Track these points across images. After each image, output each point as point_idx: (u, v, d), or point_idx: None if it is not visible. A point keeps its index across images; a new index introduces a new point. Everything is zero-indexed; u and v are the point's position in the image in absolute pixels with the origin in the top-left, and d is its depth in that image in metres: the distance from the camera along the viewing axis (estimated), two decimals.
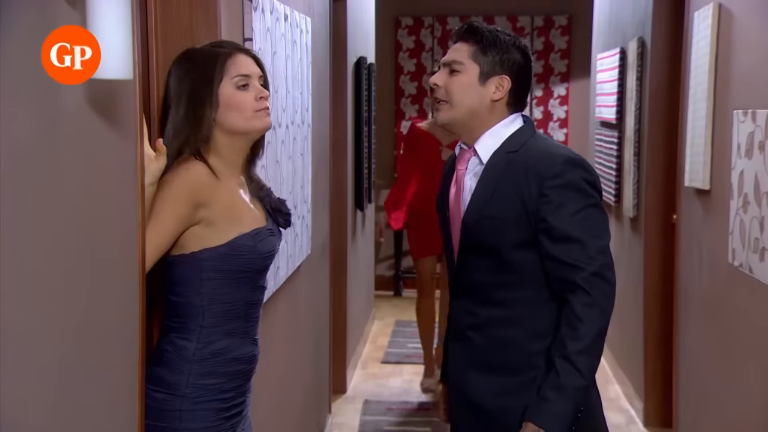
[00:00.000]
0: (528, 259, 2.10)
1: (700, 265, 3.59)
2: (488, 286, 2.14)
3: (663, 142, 4.50)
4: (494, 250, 2.12)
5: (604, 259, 2.07)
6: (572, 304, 2.04)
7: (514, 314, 2.12)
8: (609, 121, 5.46)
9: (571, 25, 7.73)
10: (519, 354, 2.12)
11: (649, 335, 4.57)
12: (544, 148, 2.13)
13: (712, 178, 3.43)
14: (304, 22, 3.49)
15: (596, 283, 2.04)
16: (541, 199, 2.06)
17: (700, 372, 3.64)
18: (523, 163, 2.11)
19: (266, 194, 2.12)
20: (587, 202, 2.08)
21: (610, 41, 5.72)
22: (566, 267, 2.06)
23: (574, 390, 2.02)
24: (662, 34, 4.47)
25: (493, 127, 2.16)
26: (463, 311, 2.19)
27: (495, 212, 2.11)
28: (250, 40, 2.67)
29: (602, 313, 2.05)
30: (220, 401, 1.98)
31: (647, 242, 4.59)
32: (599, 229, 2.09)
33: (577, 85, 7.70)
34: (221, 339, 1.97)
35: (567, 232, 2.05)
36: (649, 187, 4.59)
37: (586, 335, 2.03)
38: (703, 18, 3.52)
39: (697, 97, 3.60)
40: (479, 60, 2.15)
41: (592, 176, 2.12)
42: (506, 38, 2.17)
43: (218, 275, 1.96)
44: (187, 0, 2.33)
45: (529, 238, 2.09)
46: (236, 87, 1.98)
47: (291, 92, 3.23)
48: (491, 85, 2.15)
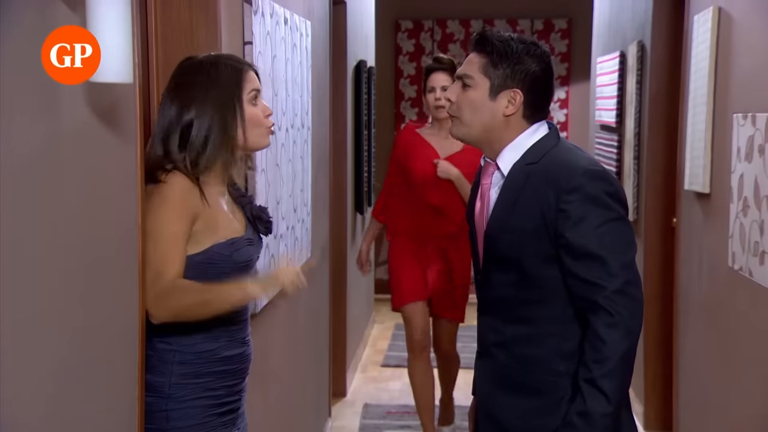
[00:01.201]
0: (551, 275, 2.00)
1: (700, 268, 3.59)
2: (512, 301, 2.06)
3: (663, 146, 4.50)
4: (517, 265, 2.03)
5: (627, 275, 1.96)
6: (594, 324, 1.95)
7: (538, 332, 2.03)
8: (609, 125, 5.46)
9: (570, 29, 7.73)
10: (543, 374, 2.02)
11: (649, 338, 4.57)
12: (564, 160, 2.03)
13: (712, 182, 3.43)
14: (304, 25, 3.49)
15: (619, 302, 1.93)
16: (560, 213, 1.97)
17: (700, 375, 3.64)
18: (543, 174, 2.01)
19: (247, 202, 2.14)
20: (608, 216, 1.97)
21: (610, 45, 5.73)
22: (587, 285, 1.96)
23: (600, 416, 1.92)
24: (662, 37, 4.47)
25: (514, 140, 2.06)
26: (488, 328, 2.11)
27: (515, 226, 2.02)
28: (250, 44, 2.68)
29: (627, 333, 1.94)
30: (208, 398, 1.99)
31: (647, 246, 4.59)
32: (622, 244, 1.98)
33: (577, 88, 7.71)
34: (204, 342, 1.98)
35: (587, 249, 1.95)
36: (649, 191, 4.59)
37: (610, 358, 1.92)
38: (703, 22, 3.52)
39: (697, 101, 3.60)
40: (489, 74, 2.05)
41: (614, 187, 2.01)
42: (519, 47, 2.05)
43: None
44: (187, 3, 2.33)
45: (551, 253, 1.99)
46: (250, 102, 2.02)
47: (291, 95, 3.23)
48: (503, 99, 2.05)
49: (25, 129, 1.34)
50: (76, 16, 1.46)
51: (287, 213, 3.22)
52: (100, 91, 1.54)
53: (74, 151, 1.49)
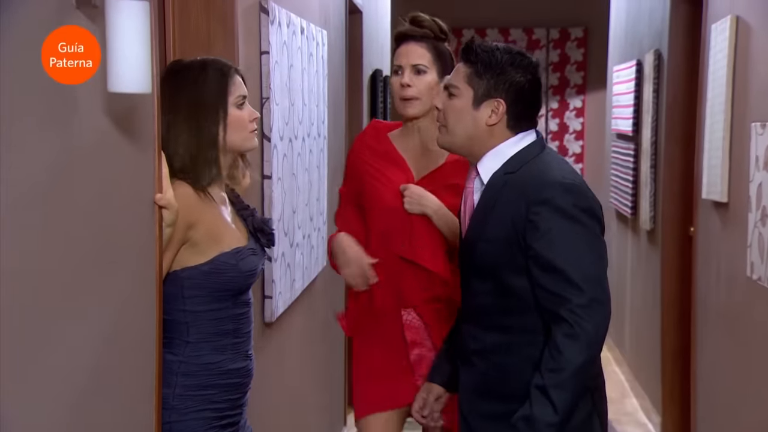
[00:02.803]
0: (523, 285, 2.01)
1: (718, 278, 3.57)
2: (490, 309, 2.07)
3: (680, 155, 4.48)
4: (492, 273, 2.05)
5: (593, 290, 1.95)
6: (554, 334, 1.95)
7: (513, 341, 2.05)
8: (625, 133, 5.44)
9: (587, 38, 7.72)
10: (516, 383, 2.03)
11: (667, 349, 4.54)
12: (540, 171, 2.03)
13: (730, 191, 3.41)
14: (320, 35, 3.50)
15: (582, 315, 1.93)
16: (529, 224, 1.98)
17: (718, 386, 3.61)
18: (518, 185, 2.02)
19: (250, 214, 2.15)
20: (576, 230, 1.97)
21: (627, 53, 5.71)
22: (552, 297, 1.96)
23: (545, 425, 1.93)
24: (679, 46, 4.45)
25: (495, 147, 2.07)
26: (469, 335, 2.13)
27: (490, 234, 2.04)
28: (267, 53, 2.69)
29: (586, 347, 1.94)
30: (211, 411, 2.00)
31: (664, 255, 4.57)
32: (590, 258, 1.97)
33: (593, 97, 7.69)
34: (209, 354, 1.99)
35: (553, 262, 1.95)
36: (666, 200, 4.56)
37: (565, 369, 1.93)
38: (721, 30, 3.51)
39: (715, 110, 3.58)
40: (474, 83, 2.06)
41: (587, 202, 2.01)
42: (504, 58, 2.06)
43: (200, 293, 1.98)
44: (204, 14, 2.34)
45: (522, 263, 2.00)
46: (237, 106, 2.04)
47: (307, 105, 3.24)
48: (486, 108, 2.06)
49: (45, 139, 1.35)
50: (95, 27, 1.47)
51: (303, 222, 3.22)
52: (118, 100, 1.55)
53: (92, 160, 1.50)
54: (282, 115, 2.86)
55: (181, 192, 1.94)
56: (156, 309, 1.79)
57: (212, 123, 1.99)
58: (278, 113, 2.80)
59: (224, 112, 2.00)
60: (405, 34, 2.48)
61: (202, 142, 1.99)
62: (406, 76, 2.43)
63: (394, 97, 2.48)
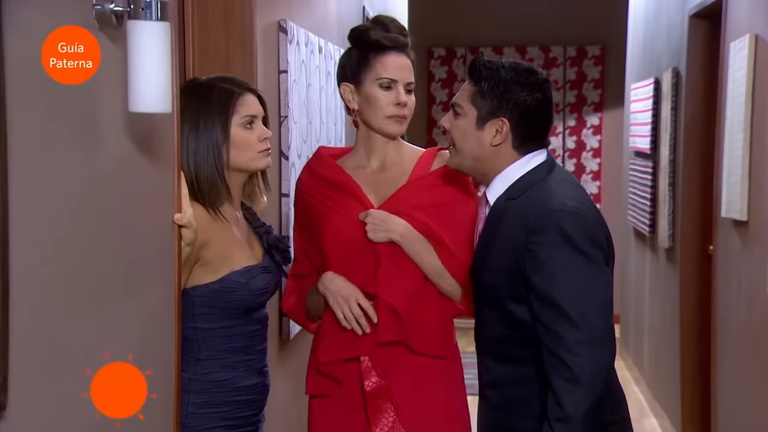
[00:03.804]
0: (526, 316, 1.91)
1: (738, 297, 3.54)
2: (500, 341, 1.99)
3: (698, 172, 4.46)
4: (498, 302, 1.96)
5: (591, 329, 1.83)
6: (553, 378, 1.84)
7: (522, 373, 1.95)
8: (643, 151, 5.43)
9: (604, 55, 7.71)
10: (526, 417, 1.94)
11: (686, 368, 4.51)
12: (541, 197, 1.92)
13: (749, 209, 3.39)
14: (338, 53, 3.52)
15: (579, 355, 1.82)
16: (528, 254, 1.87)
17: (738, 405, 3.57)
18: (519, 213, 1.93)
19: (265, 231, 2.15)
20: (577, 260, 1.85)
21: (644, 71, 5.70)
22: (549, 333, 1.85)
23: None
24: (697, 64, 4.44)
25: (504, 171, 1.99)
26: (483, 367, 2.06)
27: (493, 263, 1.95)
28: (285, 72, 2.70)
29: (587, 391, 1.82)
30: (225, 428, 2.00)
31: (683, 273, 4.54)
32: (590, 293, 1.86)
33: (611, 114, 7.67)
34: (220, 371, 2.00)
35: (550, 295, 1.84)
36: (685, 218, 4.54)
37: (573, 418, 1.82)
38: (740, 49, 3.50)
39: (734, 128, 3.57)
40: (477, 103, 1.98)
41: (590, 230, 1.89)
42: (509, 76, 1.96)
43: (210, 311, 1.99)
44: (224, 33, 2.36)
45: (524, 294, 1.90)
46: (243, 126, 2.03)
47: (325, 123, 3.26)
48: (491, 128, 1.97)
49: (67, 157, 1.36)
50: (116, 47, 1.49)
51: None
52: (139, 120, 1.57)
53: (114, 180, 1.51)
54: (300, 134, 2.87)
55: (193, 212, 1.94)
56: (175, 326, 1.80)
57: (213, 143, 1.99)
58: (296, 131, 2.81)
59: (225, 133, 2.00)
60: (385, 45, 2.19)
61: (204, 162, 1.99)
62: (404, 94, 2.18)
63: (376, 112, 2.15)
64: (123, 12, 1.46)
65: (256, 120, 2.06)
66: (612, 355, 1.89)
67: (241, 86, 2.05)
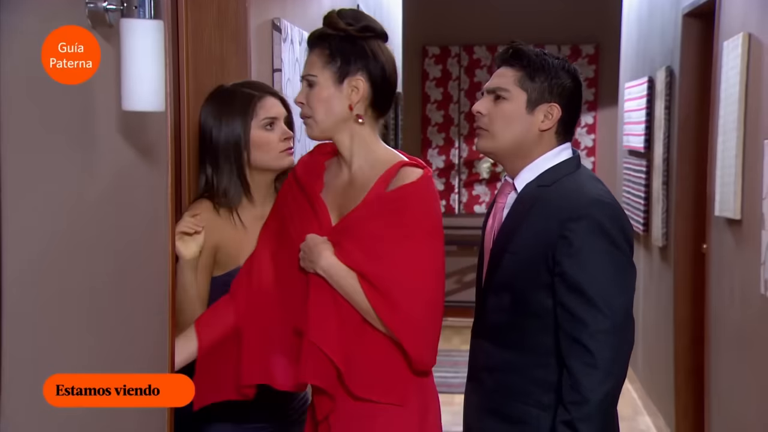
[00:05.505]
0: (543, 304, 1.93)
1: (732, 295, 3.55)
2: (506, 326, 2.00)
3: (692, 171, 4.47)
4: (514, 289, 1.98)
5: (617, 318, 1.87)
6: (572, 363, 1.86)
7: (525, 360, 1.97)
8: (637, 150, 5.44)
9: (598, 54, 7.72)
10: (528, 404, 1.96)
11: (680, 366, 4.52)
12: (576, 187, 1.96)
13: (743, 208, 3.40)
14: None
15: (603, 342, 1.85)
16: (562, 240, 1.89)
17: (732, 403, 3.58)
18: (552, 199, 1.96)
19: None
20: (610, 251, 1.90)
21: (638, 70, 5.71)
22: (573, 319, 1.88)
23: None
24: (691, 63, 4.45)
25: (536, 160, 2.02)
26: (481, 351, 2.07)
27: (517, 248, 1.97)
28: (279, 71, 2.70)
29: (605, 376, 1.85)
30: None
31: (677, 272, 4.55)
32: (619, 284, 1.90)
33: (605, 113, 7.69)
34: None
35: (579, 282, 1.87)
36: (679, 217, 4.55)
37: (590, 400, 1.84)
38: (733, 48, 3.51)
39: (728, 127, 3.58)
40: (526, 86, 2.00)
41: (625, 225, 1.94)
42: (555, 62, 2.02)
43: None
44: (217, 32, 2.35)
45: (545, 281, 1.92)
46: (263, 128, 2.11)
47: None
48: (540, 113, 2.00)
49: (58, 156, 1.36)
50: (110, 46, 1.48)
51: None
52: (133, 119, 1.56)
53: (106, 178, 1.51)
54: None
55: (204, 216, 2.06)
56: (169, 329, 1.80)
57: (232, 144, 2.09)
58: None
59: (245, 134, 2.09)
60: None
61: (224, 163, 2.09)
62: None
63: None
64: (116, 10, 1.45)
65: (278, 121, 2.13)
66: (630, 348, 1.93)
67: (261, 90, 2.15)
